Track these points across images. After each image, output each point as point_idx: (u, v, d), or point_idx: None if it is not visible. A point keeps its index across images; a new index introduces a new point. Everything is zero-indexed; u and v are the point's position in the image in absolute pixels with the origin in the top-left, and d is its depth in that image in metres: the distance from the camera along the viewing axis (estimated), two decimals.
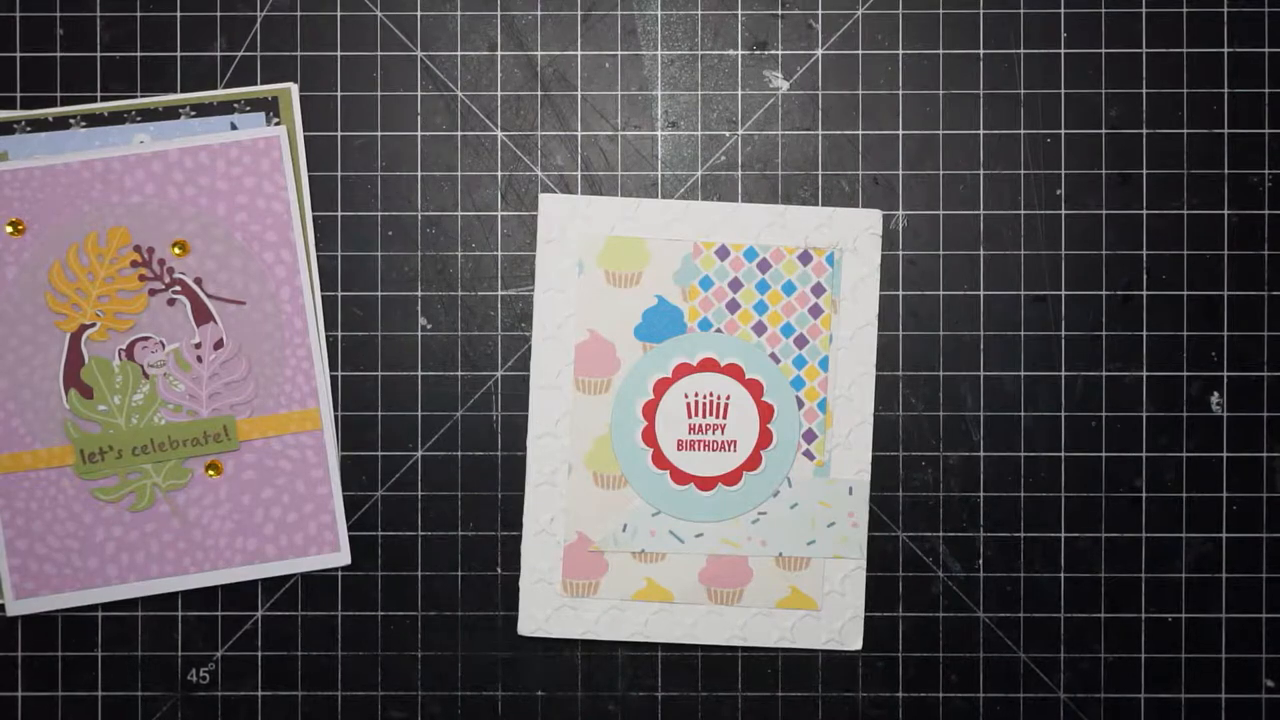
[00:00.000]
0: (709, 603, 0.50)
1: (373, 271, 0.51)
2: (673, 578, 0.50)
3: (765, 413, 0.50)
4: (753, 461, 0.50)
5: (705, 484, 0.50)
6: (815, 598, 0.50)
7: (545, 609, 0.50)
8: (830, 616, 0.50)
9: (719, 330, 0.50)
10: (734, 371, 0.50)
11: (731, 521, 0.50)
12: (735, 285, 0.50)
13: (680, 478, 0.50)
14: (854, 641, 0.50)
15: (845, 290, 0.50)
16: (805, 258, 0.50)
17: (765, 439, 0.50)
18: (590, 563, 0.50)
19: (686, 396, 0.50)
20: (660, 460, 0.50)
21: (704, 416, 0.50)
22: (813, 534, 0.50)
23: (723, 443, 0.50)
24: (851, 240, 0.50)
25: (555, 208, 0.50)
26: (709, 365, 0.50)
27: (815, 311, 0.50)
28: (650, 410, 0.50)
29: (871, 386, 0.50)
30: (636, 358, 0.50)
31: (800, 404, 0.50)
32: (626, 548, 0.50)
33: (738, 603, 0.50)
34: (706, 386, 0.50)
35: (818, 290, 0.50)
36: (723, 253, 0.50)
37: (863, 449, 0.50)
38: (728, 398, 0.50)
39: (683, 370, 0.50)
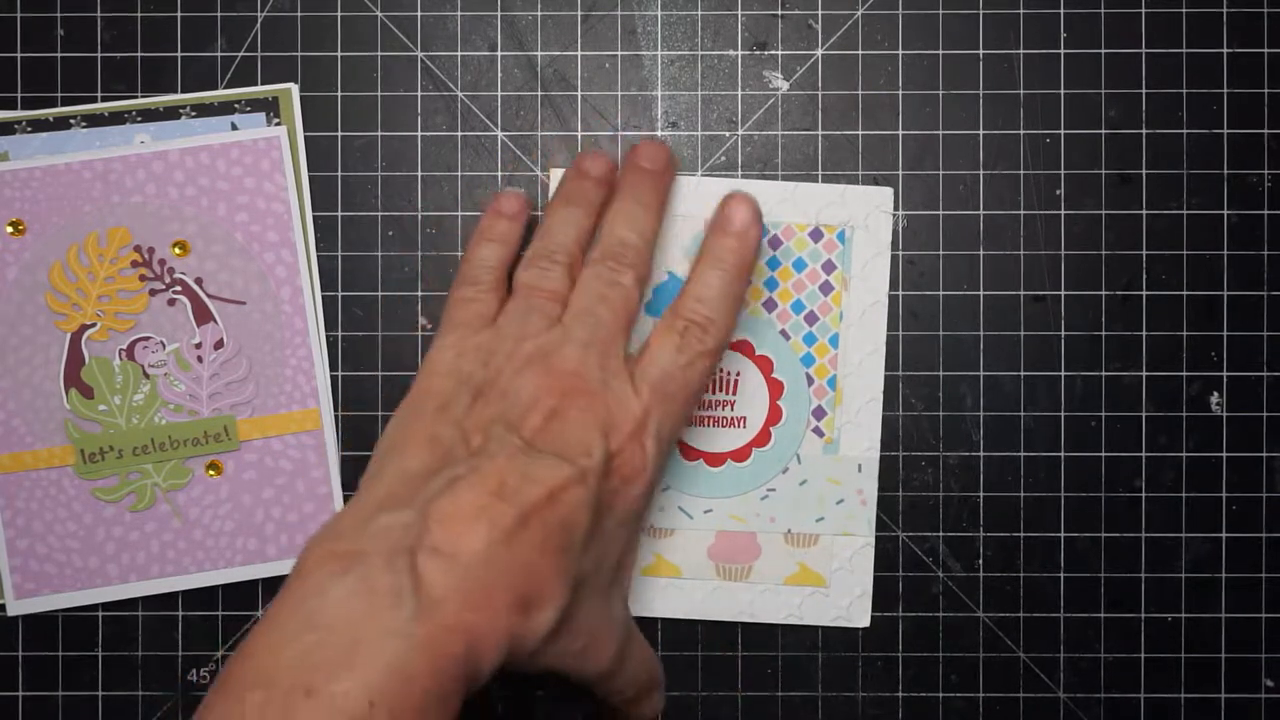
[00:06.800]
0: (717, 579, 0.50)
1: (373, 271, 0.51)
2: (681, 553, 0.50)
3: (775, 389, 0.50)
4: (762, 438, 0.50)
5: (714, 460, 0.50)
6: (824, 574, 0.50)
7: None
8: (838, 593, 0.50)
9: None
10: (744, 348, 0.50)
11: (740, 498, 0.50)
12: None
13: (689, 453, 0.50)
14: (862, 618, 0.50)
15: (855, 268, 0.50)
16: (816, 235, 0.49)
17: (775, 415, 0.50)
18: None
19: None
20: None
21: (713, 392, 0.50)
22: (821, 511, 0.50)
23: (732, 419, 0.50)
24: (863, 218, 0.50)
25: None
26: None
27: (826, 289, 0.50)
28: None
29: (881, 364, 0.50)
30: (648, 334, 0.49)
31: (810, 381, 0.50)
32: None
33: (746, 579, 0.50)
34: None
35: (828, 267, 0.50)
36: None
37: (872, 426, 0.50)
38: (737, 374, 0.50)
39: None
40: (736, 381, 0.50)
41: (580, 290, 0.43)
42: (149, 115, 0.50)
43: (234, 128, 0.50)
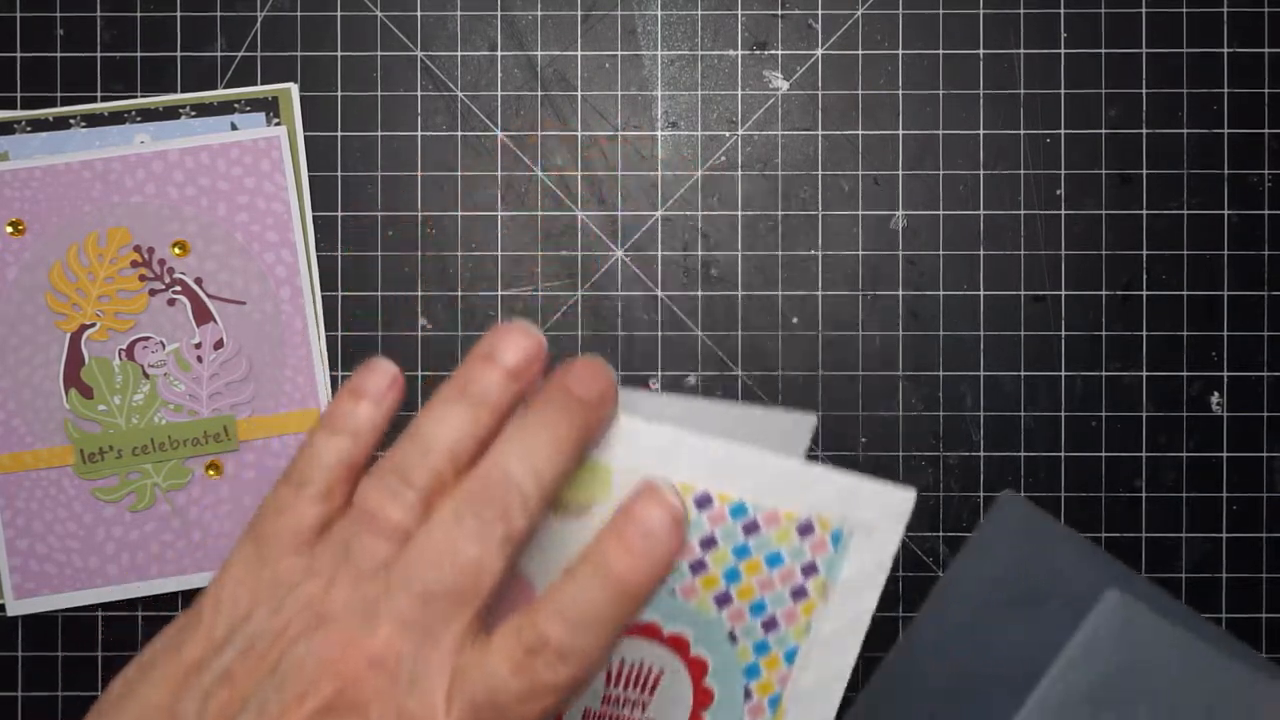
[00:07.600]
0: None
1: (373, 271, 0.51)
2: None
3: (702, 699, 0.39)
4: None
5: None
6: None
7: None
8: None
9: (673, 592, 0.38)
10: (677, 644, 0.39)
11: None
12: (708, 543, 0.38)
13: None
14: None
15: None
16: (806, 529, 0.38)
17: None
18: None
19: (610, 661, 0.39)
20: None
21: (625, 688, 0.39)
22: None
23: None
24: (870, 521, 0.38)
25: None
26: (648, 631, 0.39)
27: (798, 594, 0.39)
28: None
29: (839, 696, 0.38)
30: None
31: (748, 695, 0.39)
32: None
33: None
34: (638, 654, 0.39)
35: (808, 570, 0.39)
36: (704, 501, 0.38)
37: None
38: (659, 672, 0.39)
39: None
40: (656, 681, 0.39)
41: (427, 534, 0.31)
42: (149, 115, 0.50)
43: (234, 128, 0.50)
